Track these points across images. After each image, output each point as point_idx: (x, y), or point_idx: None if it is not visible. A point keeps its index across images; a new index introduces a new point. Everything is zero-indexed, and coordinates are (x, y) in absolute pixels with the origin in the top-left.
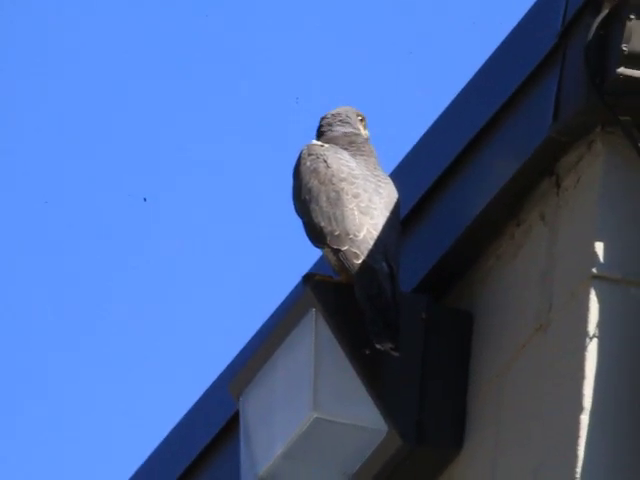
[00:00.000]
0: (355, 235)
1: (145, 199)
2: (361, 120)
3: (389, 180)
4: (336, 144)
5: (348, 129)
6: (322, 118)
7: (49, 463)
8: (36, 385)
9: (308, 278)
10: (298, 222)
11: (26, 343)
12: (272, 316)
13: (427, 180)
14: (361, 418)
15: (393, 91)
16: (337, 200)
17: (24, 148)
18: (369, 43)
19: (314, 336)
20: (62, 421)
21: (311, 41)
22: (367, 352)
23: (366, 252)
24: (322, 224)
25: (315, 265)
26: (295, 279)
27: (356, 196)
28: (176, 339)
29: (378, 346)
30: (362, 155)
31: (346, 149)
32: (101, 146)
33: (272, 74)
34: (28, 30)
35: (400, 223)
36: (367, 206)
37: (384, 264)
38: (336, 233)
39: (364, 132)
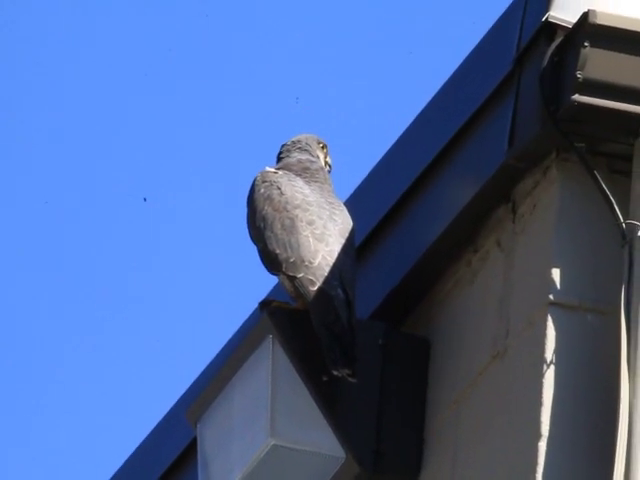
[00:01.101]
0: (310, 262)
1: (145, 199)
2: (322, 147)
3: (343, 207)
4: (290, 170)
5: (304, 156)
6: (282, 145)
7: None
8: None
9: (265, 304)
10: (254, 248)
11: (24, 342)
12: (229, 342)
13: (383, 206)
14: (319, 445)
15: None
16: (291, 227)
17: (24, 148)
18: (369, 43)
19: (271, 363)
20: (20, 440)
21: (311, 41)
22: (325, 379)
23: (321, 279)
24: (277, 251)
25: (272, 291)
26: (252, 305)
27: (310, 223)
28: (134, 363)
29: (335, 372)
30: (316, 182)
31: (300, 175)
32: (101, 146)
33: (272, 74)
34: (28, 30)
35: (355, 250)
36: (322, 233)
37: (340, 291)
38: (291, 260)
39: (326, 160)
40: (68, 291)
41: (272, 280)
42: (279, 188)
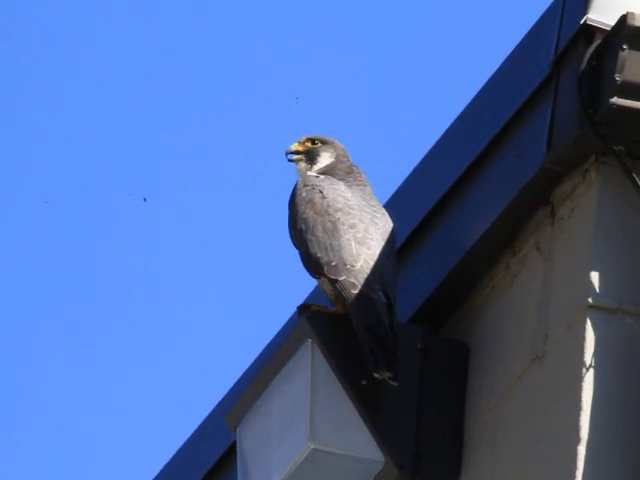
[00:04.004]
0: (352, 265)
1: (145, 199)
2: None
3: (384, 211)
4: (334, 175)
5: (349, 162)
6: (324, 143)
7: None
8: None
9: (303, 309)
10: (293, 252)
11: (24, 343)
12: (268, 347)
13: (422, 210)
14: (358, 449)
15: (390, 113)
16: (333, 230)
17: (24, 148)
18: (369, 43)
19: (310, 367)
20: (60, 447)
21: (311, 41)
22: (364, 382)
23: (363, 282)
24: (319, 254)
25: (311, 296)
26: (291, 310)
27: (352, 226)
28: (172, 368)
29: (377, 375)
30: (358, 185)
31: (343, 179)
32: (101, 146)
33: (272, 74)
34: (28, 30)
35: (396, 253)
36: (363, 236)
37: (381, 294)
38: (333, 263)
39: None
40: (68, 290)
41: (311, 284)
42: (321, 192)
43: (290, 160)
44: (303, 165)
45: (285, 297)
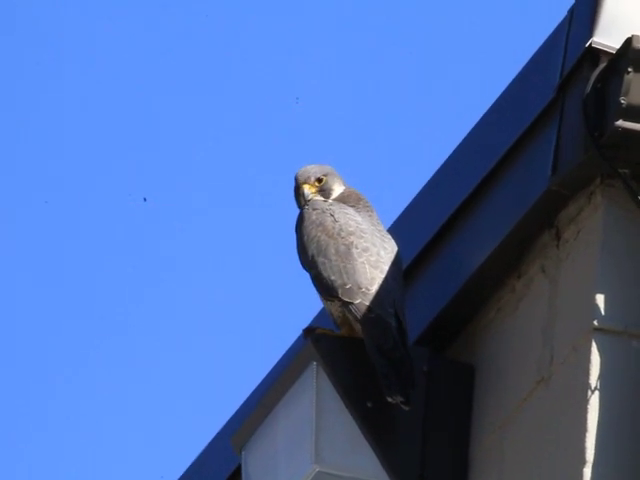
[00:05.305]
0: (367, 289)
1: (145, 199)
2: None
3: (390, 236)
4: (345, 202)
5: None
6: (325, 174)
7: None
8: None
9: (309, 331)
10: (300, 273)
11: (24, 343)
12: (273, 369)
13: (427, 232)
14: (363, 471)
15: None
16: (347, 254)
17: (24, 148)
18: (370, 44)
19: (315, 389)
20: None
21: (312, 41)
22: (369, 405)
23: (378, 306)
24: (332, 277)
25: (316, 318)
26: (296, 332)
27: (366, 250)
28: (177, 390)
29: (389, 399)
30: (367, 211)
31: (353, 206)
32: (101, 146)
33: (272, 74)
34: (28, 29)
35: (402, 277)
36: (377, 260)
37: (394, 318)
38: (347, 286)
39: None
40: (68, 291)
41: (316, 307)
42: (332, 215)
43: (310, 200)
44: (320, 198)
45: (290, 319)
